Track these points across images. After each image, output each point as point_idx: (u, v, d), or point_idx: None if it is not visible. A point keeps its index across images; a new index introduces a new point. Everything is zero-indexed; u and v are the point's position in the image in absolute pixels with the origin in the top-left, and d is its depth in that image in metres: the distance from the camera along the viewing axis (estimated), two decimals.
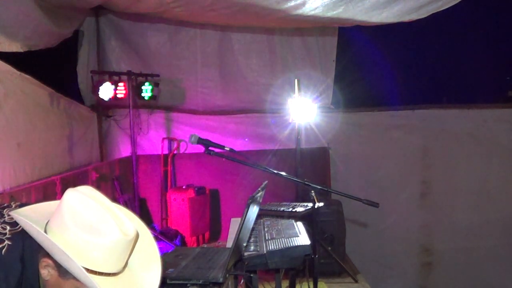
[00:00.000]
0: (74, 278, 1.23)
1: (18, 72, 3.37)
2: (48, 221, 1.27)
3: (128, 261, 1.33)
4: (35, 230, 1.21)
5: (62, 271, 1.23)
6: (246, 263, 2.10)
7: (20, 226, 1.26)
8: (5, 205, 1.36)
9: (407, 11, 3.48)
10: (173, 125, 5.67)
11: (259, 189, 2.14)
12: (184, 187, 5.21)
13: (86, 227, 1.21)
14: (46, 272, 1.25)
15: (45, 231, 1.23)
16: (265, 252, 2.19)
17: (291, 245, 2.23)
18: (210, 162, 5.26)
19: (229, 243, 2.54)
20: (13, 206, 1.34)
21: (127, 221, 1.29)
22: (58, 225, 1.22)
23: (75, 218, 1.22)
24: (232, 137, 5.50)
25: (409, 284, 5.62)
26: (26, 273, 1.23)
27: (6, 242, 1.22)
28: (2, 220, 1.28)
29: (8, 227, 1.26)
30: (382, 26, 3.86)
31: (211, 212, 5.39)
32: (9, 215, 1.29)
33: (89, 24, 5.20)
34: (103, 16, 5.22)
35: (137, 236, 1.33)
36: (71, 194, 1.25)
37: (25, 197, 3.10)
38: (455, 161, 5.48)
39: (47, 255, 1.23)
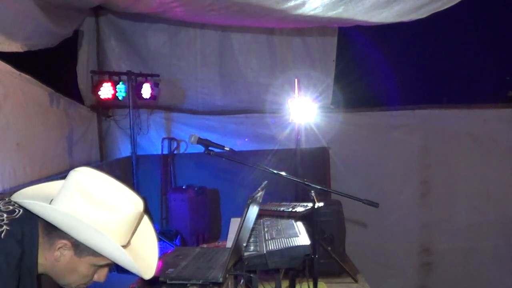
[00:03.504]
0: (92, 254, 1.27)
1: (18, 72, 3.37)
2: (50, 202, 1.29)
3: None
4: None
5: (79, 250, 1.28)
6: (246, 263, 2.10)
7: (17, 214, 1.28)
8: None
9: (407, 11, 3.48)
10: (173, 125, 5.66)
11: (259, 189, 2.14)
12: (184, 187, 5.20)
13: (101, 204, 1.26)
14: (59, 253, 1.28)
15: None
16: (265, 252, 2.19)
17: (291, 245, 2.23)
18: (210, 162, 5.25)
19: (229, 243, 2.53)
20: (6, 199, 1.35)
21: (133, 194, 1.37)
22: (70, 205, 1.26)
23: (87, 196, 1.26)
24: (232, 137, 5.49)
25: (409, 284, 5.61)
26: (24, 258, 1.24)
27: (5, 227, 1.23)
28: None
29: (5, 215, 1.27)
30: (382, 26, 3.85)
31: (211, 212, 5.38)
32: (4, 205, 1.31)
33: (89, 24, 5.19)
34: (103, 16, 5.21)
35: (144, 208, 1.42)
36: (76, 175, 1.30)
37: None
38: (455, 161, 5.47)
39: (63, 236, 1.26)
